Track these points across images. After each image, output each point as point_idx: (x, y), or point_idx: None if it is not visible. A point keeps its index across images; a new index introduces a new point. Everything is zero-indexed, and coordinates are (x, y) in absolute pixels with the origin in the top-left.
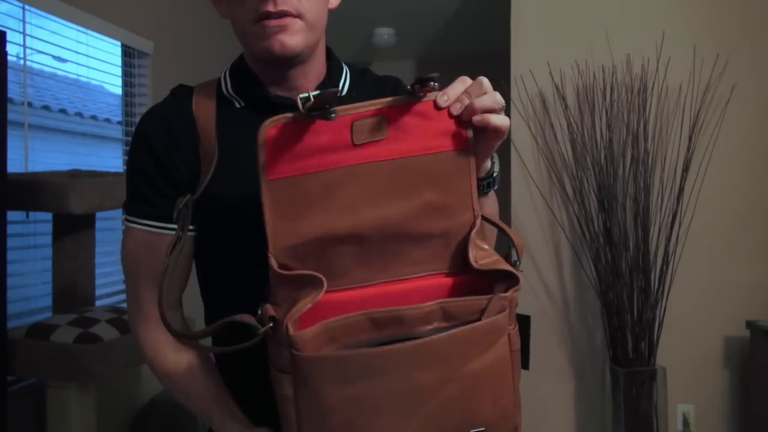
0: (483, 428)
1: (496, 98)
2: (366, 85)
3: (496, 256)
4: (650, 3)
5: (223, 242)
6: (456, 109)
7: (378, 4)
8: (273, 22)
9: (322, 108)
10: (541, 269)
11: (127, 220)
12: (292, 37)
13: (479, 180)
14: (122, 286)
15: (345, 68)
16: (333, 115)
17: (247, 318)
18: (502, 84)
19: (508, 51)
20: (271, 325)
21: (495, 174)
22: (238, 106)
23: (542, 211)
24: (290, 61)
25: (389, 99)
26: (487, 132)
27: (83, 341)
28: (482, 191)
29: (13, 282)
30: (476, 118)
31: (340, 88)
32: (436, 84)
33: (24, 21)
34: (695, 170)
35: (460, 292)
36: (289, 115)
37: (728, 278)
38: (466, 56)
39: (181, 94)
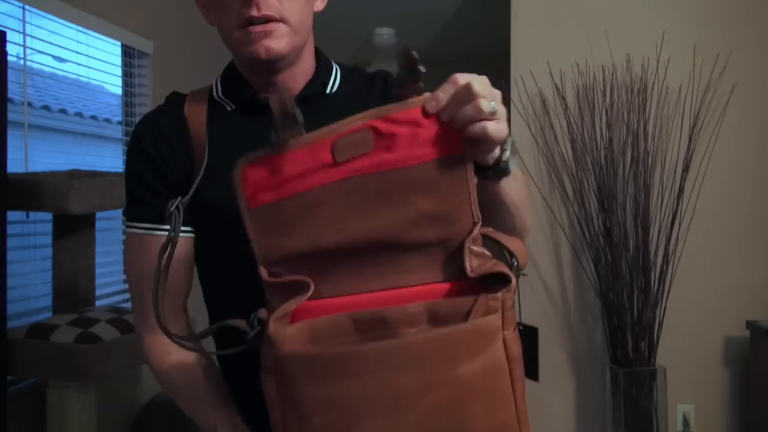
0: None
1: (481, 106)
2: (356, 84)
3: (494, 261)
4: (650, 3)
5: (218, 243)
6: (445, 116)
7: (378, 4)
8: (257, 28)
9: (283, 128)
10: (541, 269)
11: (127, 225)
12: (277, 42)
13: (487, 169)
14: (122, 286)
15: (335, 67)
16: (291, 142)
17: (239, 323)
18: (502, 84)
19: (508, 51)
20: (259, 328)
21: (504, 161)
22: (228, 109)
23: (542, 211)
24: (276, 65)
25: (374, 111)
26: (479, 139)
27: (83, 341)
28: (493, 179)
29: (13, 282)
30: (460, 126)
31: (329, 86)
32: (421, 84)
33: (24, 21)
34: (695, 170)
35: (456, 297)
36: (264, 151)
37: (728, 278)
38: (466, 56)
39: (174, 100)
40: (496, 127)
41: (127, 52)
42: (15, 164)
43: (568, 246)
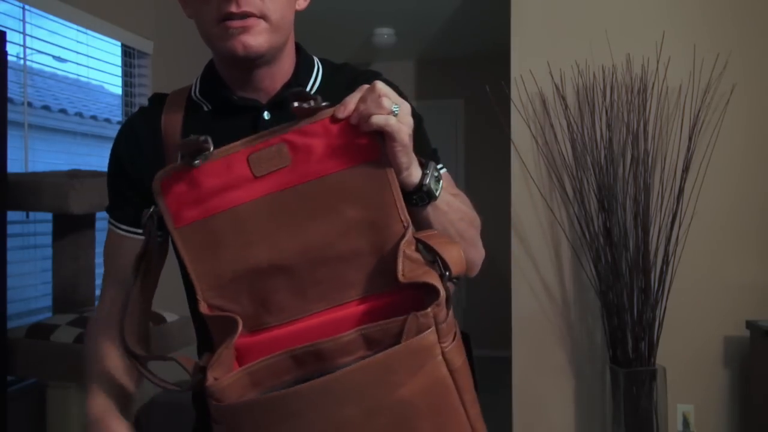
0: None
1: (382, 102)
2: (339, 82)
3: (426, 269)
4: (650, 3)
5: None
6: (355, 119)
7: (378, 4)
8: (236, 23)
9: (189, 154)
10: (541, 269)
11: (108, 219)
12: (255, 38)
13: (409, 194)
14: None
15: (316, 65)
16: (196, 162)
17: (186, 363)
18: (502, 84)
19: (508, 51)
20: (201, 377)
21: (426, 183)
22: (205, 109)
23: (542, 211)
24: (254, 62)
25: (281, 126)
26: (384, 137)
27: (83, 341)
28: (419, 203)
29: (13, 282)
30: (363, 124)
31: (309, 86)
32: (319, 98)
33: (24, 21)
34: (695, 170)
35: (402, 312)
36: (177, 164)
37: (728, 278)
38: (466, 56)
39: (154, 102)
40: (396, 124)
41: (127, 52)
42: (15, 164)
43: (568, 246)
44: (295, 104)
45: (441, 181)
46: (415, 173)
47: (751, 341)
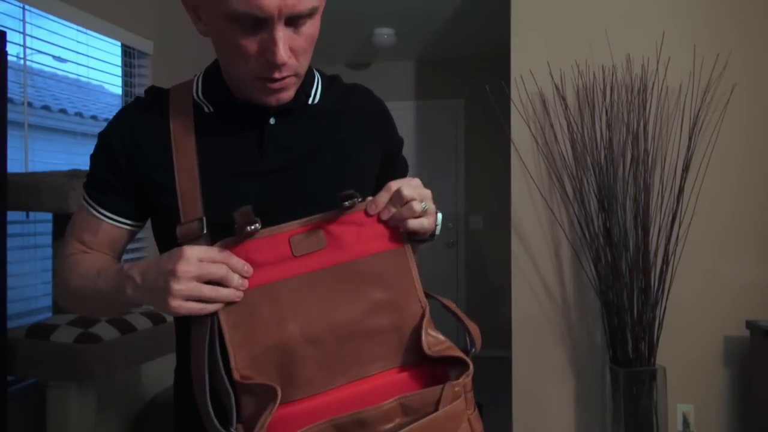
0: None
1: (414, 207)
2: (335, 94)
3: (448, 343)
4: (650, 3)
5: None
6: (385, 216)
7: (378, 4)
8: (276, 85)
9: (241, 225)
10: (541, 269)
11: (83, 197)
12: (289, 93)
13: (420, 239)
14: None
15: (316, 76)
16: (253, 228)
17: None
18: (502, 84)
19: (508, 51)
20: None
21: (437, 233)
22: (206, 111)
23: (542, 211)
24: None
25: (322, 214)
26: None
27: (83, 341)
28: (420, 243)
29: (13, 282)
30: (399, 224)
31: (312, 95)
32: (358, 198)
33: (24, 21)
34: (695, 170)
35: (420, 383)
36: (232, 238)
37: (728, 278)
38: (466, 56)
39: (154, 98)
40: (428, 223)
41: (127, 52)
42: (15, 164)
43: (568, 246)
44: (346, 203)
45: (440, 224)
46: (430, 230)
47: (751, 341)
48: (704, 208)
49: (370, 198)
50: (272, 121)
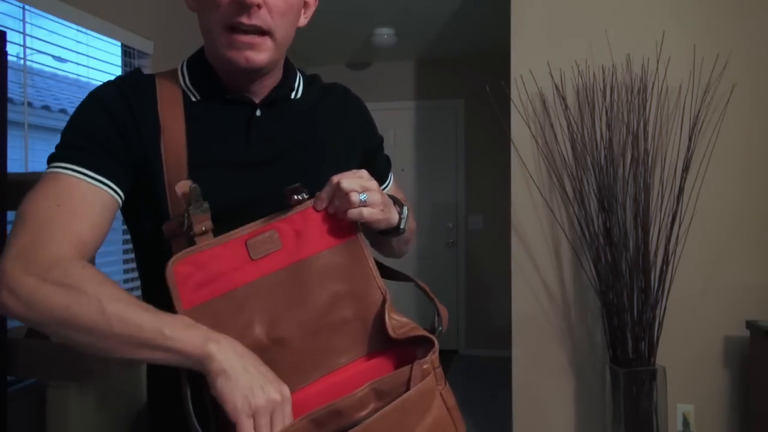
0: None
1: (351, 198)
2: (315, 92)
3: (412, 324)
4: (650, 3)
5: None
6: (331, 210)
7: (378, 4)
8: (243, 38)
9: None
10: (541, 269)
11: (56, 166)
12: (259, 55)
13: (385, 233)
14: (123, 285)
15: (298, 74)
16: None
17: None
18: (502, 84)
19: (508, 51)
20: None
21: (402, 227)
22: (193, 99)
23: (542, 211)
24: (252, 74)
25: (273, 215)
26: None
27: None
28: (388, 236)
29: None
30: (342, 216)
31: (294, 91)
32: (304, 193)
33: (24, 21)
34: (695, 170)
35: (390, 367)
36: (189, 249)
37: (728, 278)
38: (466, 56)
39: (142, 78)
40: (370, 212)
41: (127, 52)
42: (15, 164)
43: (568, 246)
44: (295, 197)
45: (407, 218)
46: (392, 219)
47: (751, 341)
48: (704, 208)
49: (318, 193)
50: (258, 112)
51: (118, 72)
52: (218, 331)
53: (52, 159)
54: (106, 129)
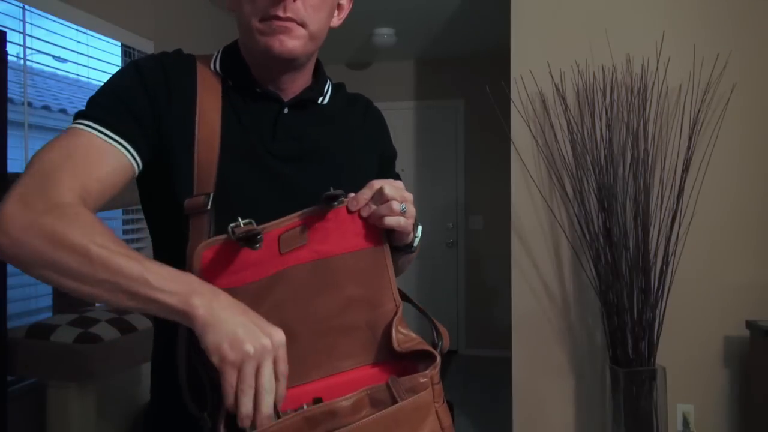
0: None
1: (392, 206)
2: (342, 99)
3: (418, 339)
4: (650, 3)
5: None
6: (365, 212)
7: (378, 4)
8: (279, 23)
9: (247, 237)
10: (541, 269)
11: (78, 123)
12: (293, 41)
13: (401, 248)
14: None
15: (328, 80)
16: (257, 246)
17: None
18: (502, 84)
19: (508, 51)
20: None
21: (416, 244)
22: (228, 84)
23: (542, 211)
24: (285, 64)
25: (307, 209)
26: (393, 231)
27: (83, 341)
28: (401, 253)
29: (13, 282)
30: (376, 221)
31: (322, 96)
32: (342, 198)
33: (24, 21)
34: (695, 170)
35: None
36: (222, 237)
37: (728, 278)
38: (466, 56)
39: (184, 56)
40: (406, 222)
41: (127, 52)
42: (15, 164)
43: (568, 246)
44: (334, 204)
45: (420, 237)
46: (411, 237)
47: (751, 341)
48: (704, 208)
49: (352, 194)
50: (286, 110)
51: None
52: None
53: (77, 116)
54: (137, 95)
